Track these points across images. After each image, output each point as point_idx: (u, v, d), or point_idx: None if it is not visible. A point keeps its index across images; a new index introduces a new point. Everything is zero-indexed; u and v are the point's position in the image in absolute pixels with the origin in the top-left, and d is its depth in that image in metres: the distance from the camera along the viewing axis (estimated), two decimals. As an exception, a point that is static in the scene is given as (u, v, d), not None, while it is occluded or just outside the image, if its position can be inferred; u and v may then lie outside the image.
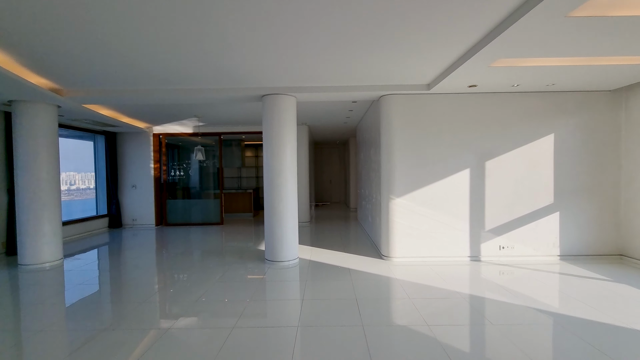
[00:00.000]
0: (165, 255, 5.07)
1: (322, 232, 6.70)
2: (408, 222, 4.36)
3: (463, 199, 4.33)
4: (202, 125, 7.34)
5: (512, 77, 3.61)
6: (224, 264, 4.37)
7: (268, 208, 4.30)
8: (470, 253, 4.36)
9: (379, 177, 4.69)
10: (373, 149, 5.29)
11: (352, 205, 10.26)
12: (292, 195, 4.35)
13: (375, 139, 4.98)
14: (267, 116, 4.27)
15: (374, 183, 5.23)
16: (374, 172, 5.23)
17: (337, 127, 8.08)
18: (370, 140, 5.58)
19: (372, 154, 5.43)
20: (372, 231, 5.56)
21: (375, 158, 5.07)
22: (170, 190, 8.01)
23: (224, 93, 4.18)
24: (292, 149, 4.35)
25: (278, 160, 4.24)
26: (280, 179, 4.24)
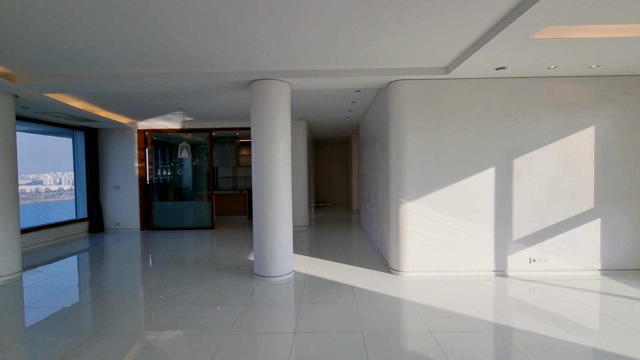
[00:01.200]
0: (142, 267, 4.43)
1: (321, 238, 6.05)
2: (422, 230, 3.71)
3: (487, 203, 3.67)
4: (191, 120, 6.71)
5: (552, 54, 2.95)
6: (205, 281, 3.72)
7: (257, 214, 3.66)
8: (496, 267, 3.71)
9: (386, 178, 4.04)
10: (379, 145, 4.63)
11: (355, 207, 9.61)
12: (286, 198, 3.70)
13: (383, 134, 4.33)
14: (256, 105, 3.62)
15: (380, 184, 4.58)
16: (380, 172, 4.58)
17: (338, 123, 7.43)
18: (376, 135, 4.92)
19: (378, 151, 4.78)
20: (378, 239, 4.91)
21: (382, 156, 4.42)
22: (157, 191, 7.39)
23: (206, 79, 3.54)
24: (286, 144, 3.70)
25: (269, 158, 3.59)
26: (272, 180, 3.60)
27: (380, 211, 4.67)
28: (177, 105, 5.37)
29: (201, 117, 6.45)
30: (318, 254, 4.84)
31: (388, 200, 3.98)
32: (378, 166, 4.77)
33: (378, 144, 4.75)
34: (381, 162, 4.49)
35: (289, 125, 3.76)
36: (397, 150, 3.74)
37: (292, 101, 5.07)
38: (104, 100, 4.97)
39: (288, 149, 3.75)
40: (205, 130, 7.00)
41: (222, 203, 8.42)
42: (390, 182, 3.87)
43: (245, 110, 5.65)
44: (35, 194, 6.47)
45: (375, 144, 4.99)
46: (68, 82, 3.56)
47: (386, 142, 4.05)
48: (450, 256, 3.71)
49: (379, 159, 4.71)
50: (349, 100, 5.17)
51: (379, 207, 4.73)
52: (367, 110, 5.88)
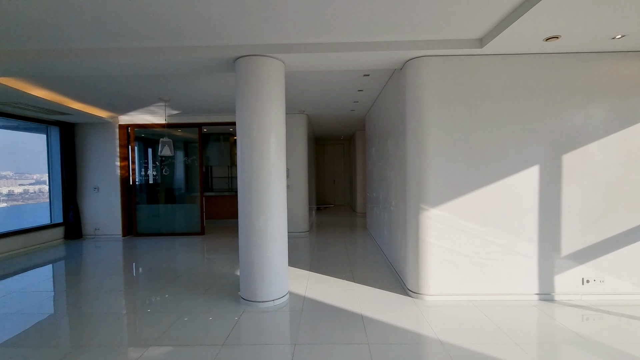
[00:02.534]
0: (110, 285, 3.74)
1: (323, 246, 5.33)
2: (448, 243, 2.99)
3: (529, 209, 2.95)
4: (177, 114, 6.01)
5: (624, 16, 2.23)
6: (180, 306, 3.02)
7: (244, 224, 2.95)
8: (540, 289, 2.98)
9: (402, 178, 3.33)
10: (392, 140, 3.91)
11: (359, 210, 8.89)
12: (279, 204, 2.99)
13: (397, 126, 3.61)
14: (241, 89, 2.91)
15: (392, 186, 3.86)
16: (393, 172, 3.86)
17: (342, 117, 6.72)
18: (388, 129, 4.20)
19: (390, 147, 4.06)
20: (390, 250, 4.19)
21: (395, 152, 3.70)
22: (141, 193, 6.70)
23: (181, 55, 2.84)
24: (279, 138, 2.99)
25: (258, 154, 2.88)
26: (261, 181, 2.89)
27: (392, 217, 3.95)
28: (158, 95, 4.67)
29: (188, 110, 5.75)
30: (319, 267, 4.13)
31: (404, 205, 3.27)
32: (390, 165, 4.05)
33: (390, 139, 4.03)
34: (394, 159, 3.77)
35: (282, 114, 3.05)
36: (417, 145, 3.02)
37: (289, 89, 4.36)
38: (74, 89, 4.27)
39: (282, 143, 3.04)
40: (194, 125, 6.30)
41: (215, 205, 7.72)
42: (407, 184, 3.16)
43: (236, 101, 4.94)
44: (7, 196, 5.79)
45: (386, 139, 4.27)
46: (20, 60, 2.86)
47: (402, 135, 3.33)
48: (482, 276, 2.99)
49: (391, 156, 3.99)
50: (355, 88, 4.45)
51: (391, 212, 4.01)
52: (376, 100, 5.15)
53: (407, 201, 3.17)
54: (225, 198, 7.74)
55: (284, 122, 3.08)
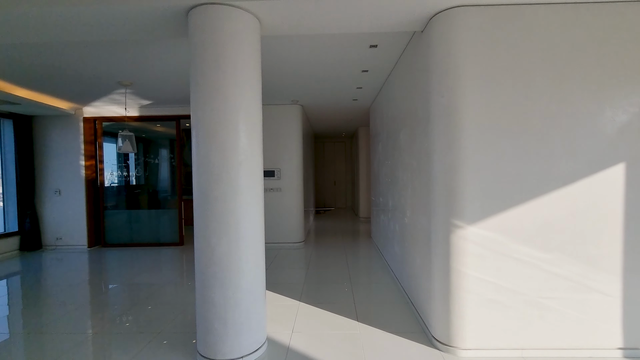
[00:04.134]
0: (43, 318, 2.85)
1: (320, 263, 4.44)
2: (492, 275, 2.09)
3: (610, 227, 2.05)
4: (150, 104, 5.14)
5: None
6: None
7: (199, 250, 2.06)
8: (625, 341, 2.07)
9: (423, 182, 2.43)
10: (407, 131, 3.02)
11: (363, 214, 7.99)
12: (252, 219, 2.11)
13: (414, 112, 2.71)
14: (197, 53, 2.02)
15: (407, 191, 2.96)
16: (408, 173, 2.96)
17: (343, 108, 5.82)
18: (400, 117, 3.31)
19: (403, 141, 3.16)
20: (404, 274, 3.29)
21: (412, 147, 2.80)
22: (111, 196, 5.84)
23: (118, 4, 1.95)
24: (252, 124, 2.10)
25: (219, 148, 1.99)
26: (223, 186, 2.00)
27: (407, 232, 3.05)
28: (116, 79, 3.79)
29: (162, 100, 4.88)
30: (314, 294, 3.24)
31: (427, 219, 2.37)
32: (403, 164, 3.15)
33: (404, 131, 3.13)
34: (410, 157, 2.87)
35: (257, 92, 2.16)
36: (447, 136, 2.12)
37: (278, 74, 3.47)
38: (13, 71, 3.41)
39: (257, 132, 2.15)
40: (171, 118, 5.43)
41: (199, 210, 6.85)
42: (432, 190, 2.26)
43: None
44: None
45: (398, 132, 3.37)
46: None
47: (423, 124, 2.44)
48: (542, 322, 2.09)
49: (404, 152, 3.09)
50: (359, 68, 3.56)
51: (405, 225, 3.11)
52: (384, 85, 4.25)
53: (431, 213, 2.27)
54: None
55: (259, 103, 2.19)
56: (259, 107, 2.19)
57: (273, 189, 5.33)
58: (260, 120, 2.22)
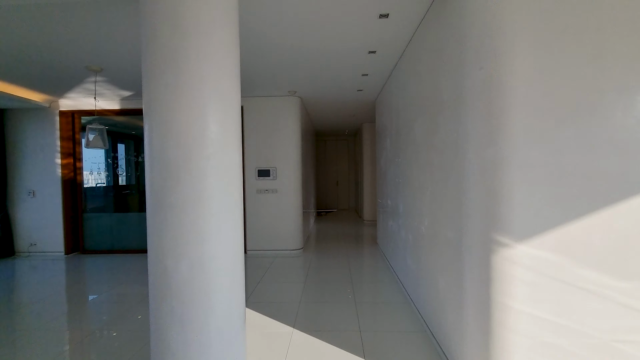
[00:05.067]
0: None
1: (320, 275, 3.90)
2: (549, 310, 1.54)
3: None
4: (131, 95, 4.63)
5: None
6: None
7: (153, 274, 1.53)
8: None
9: (455, 183, 1.89)
10: (425, 120, 2.47)
11: (367, 217, 7.44)
12: (228, 233, 1.57)
13: (437, 94, 2.16)
14: (146, 10, 1.49)
15: (427, 195, 2.41)
16: (427, 172, 2.41)
17: (346, 100, 5.27)
18: (417, 104, 2.76)
19: (418, 133, 2.62)
20: (419, 295, 2.74)
21: (433, 139, 2.25)
22: (97, 198, 5.34)
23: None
24: (226, 106, 1.57)
25: (176, 139, 1.46)
26: (181, 190, 1.46)
27: (425, 244, 2.50)
28: (84, 63, 3.28)
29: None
30: (311, 317, 2.70)
31: (457, 232, 1.83)
32: (420, 161, 2.60)
33: (421, 120, 2.58)
34: (430, 151, 2.32)
35: (234, 61, 1.62)
36: (488, 120, 1.57)
37: (268, 54, 2.93)
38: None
39: (233, 117, 1.62)
40: (156, 112, 4.90)
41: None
42: (465, 194, 1.71)
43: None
44: None
45: (412, 123, 2.83)
46: None
47: (450, 107, 1.89)
48: (618, 374, 1.54)
49: (421, 146, 2.55)
50: (365, 49, 3.01)
51: (422, 235, 2.57)
52: (394, 71, 3.70)
53: (463, 225, 1.73)
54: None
55: (236, 79, 1.65)
56: (236, 84, 1.66)
57: (268, 190, 4.80)
58: (239, 101, 1.69)
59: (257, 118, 4.77)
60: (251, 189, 4.81)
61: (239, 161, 1.69)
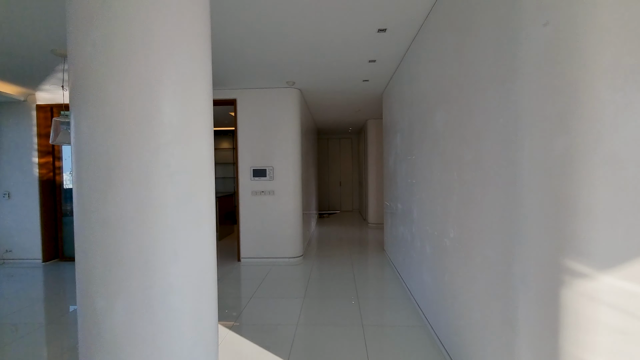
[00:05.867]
0: None
1: (321, 291, 3.44)
2: (647, 370, 1.07)
3: None
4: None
5: None
6: None
7: (82, 318, 1.08)
8: None
9: (500, 185, 1.42)
10: (451, 106, 2.00)
11: (372, 220, 6.98)
12: (191, 258, 1.12)
13: (476, 69, 1.70)
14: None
15: (453, 199, 1.94)
16: (453, 170, 1.94)
17: (350, 94, 4.81)
18: (439, 88, 2.29)
19: (441, 123, 2.15)
20: (441, 322, 2.27)
21: (461, 129, 1.79)
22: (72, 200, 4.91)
23: None
24: (189, 75, 1.11)
25: (111, 124, 1.01)
26: (115, 199, 1.01)
27: (451, 262, 2.04)
28: (48, 45, 2.84)
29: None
30: (310, 347, 2.24)
31: (503, 251, 1.36)
32: (446, 157, 2.13)
33: (444, 107, 2.12)
34: (460, 145, 1.86)
35: (204, 16, 1.17)
36: (559, 95, 1.10)
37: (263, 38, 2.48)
38: None
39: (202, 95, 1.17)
40: (142, 106, 4.47)
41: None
42: (519, 201, 1.25)
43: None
44: None
45: (432, 112, 2.36)
46: None
47: (494, 84, 1.43)
48: None
49: (447, 139, 2.08)
50: (374, 26, 2.55)
51: (446, 251, 2.10)
52: (407, 54, 3.23)
53: (515, 244, 1.27)
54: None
55: (207, 39, 1.20)
56: (206, 46, 1.20)
57: (264, 191, 4.35)
58: (210, 73, 1.24)
59: (252, 112, 4.33)
60: (245, 191, 4.37)
61: (210, 156, 1.25)
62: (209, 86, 1.26)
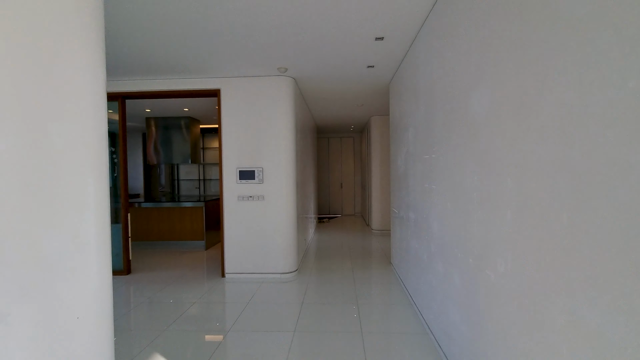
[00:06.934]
0: None
1: (317, 321, 2.82)
2: None
3: None
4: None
5: None
6: None
7: None
8: None
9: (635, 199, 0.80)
10: (500, 78, 1.38)
11: (376, 226, 6.35)
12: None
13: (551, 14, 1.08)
14: None
15: (507, 217, 1.30)
16: (512, 173, 1.31)
17: (352, 84, 4.20)
18: (480, 58, 1.67)
19: (481, 105, 1.53)
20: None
21: (523, 109, 1.17)
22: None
23: None
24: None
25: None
26: None
27: (498, 302, 1.41)
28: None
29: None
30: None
31: (595, 308, 0.74)
32: (487, 157, 1.51)
33: (487, 84, 1.50)
34: (527, 135, 1.23)
35: None
36: None
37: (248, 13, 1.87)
38: None
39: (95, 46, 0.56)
40: (112, 97, 3.89)
41: (162, 221, 5.31)
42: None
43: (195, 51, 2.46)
44: None
45: (465, 93, 1.74)
46: None
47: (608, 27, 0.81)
48: None
49: (483, 127, 1.46)
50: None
51: (493, 290, 1.48)
52: (422, 30, 2.61)
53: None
54: (173, 211, 5.31)
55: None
56: None
57: (252, 197, 3.74)
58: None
59: (239, 104, 3.72)
60: (230, 196, 3.76)
61: (102, 154, 0.64)
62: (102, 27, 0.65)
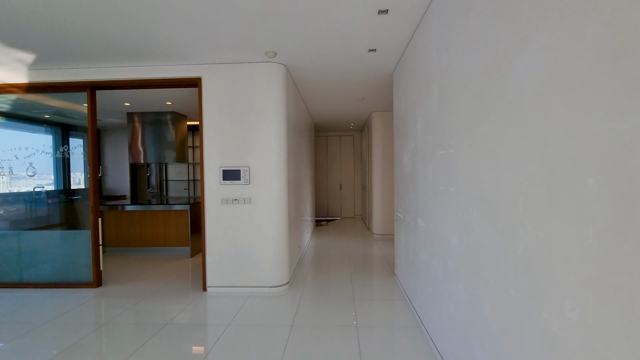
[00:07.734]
0: None
1: (309, 352, 2.37)
2: None
3: None
4: (39, 61, 3.16)
5: None
6: None
7: None
8: None
9: None
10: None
11: (377, 230, 5.90)
12: None
13: None
14: None
15: (589, 237, 0.87)
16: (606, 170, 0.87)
17: (351, 72, 3.75)
18: (519, 16, 1.22)
19: (530, 79, 1.08)
20: None
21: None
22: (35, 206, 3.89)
23: None
24: None
25: None
26: None
27: (562, 356, 0.96)
28: None
29: (53, 53, 2.88)
30: None
31: None
32: (546, 151, 1.07)
33: (542, 39, 1.05)
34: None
35: None
36: None
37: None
38: None
39: None
40: (79, 87, 3.44)
41: (144, 226, 4.86)
42: None
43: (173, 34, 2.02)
44: None
45: (511, 57, 1.29)
46: None
47: None
48: None
49: (539, 102, 1.01)
50: None
51: (556, 342, 1.03)
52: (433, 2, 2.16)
53: None
54: (157, 214, 4.86)
55: None
56: None
57: (238, 200, 3.30)
58: None
59: (222, 94, 3.28)
60: (213, 198, 3.31)
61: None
62: None
